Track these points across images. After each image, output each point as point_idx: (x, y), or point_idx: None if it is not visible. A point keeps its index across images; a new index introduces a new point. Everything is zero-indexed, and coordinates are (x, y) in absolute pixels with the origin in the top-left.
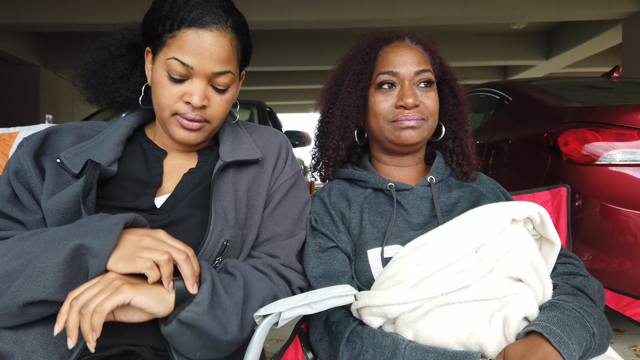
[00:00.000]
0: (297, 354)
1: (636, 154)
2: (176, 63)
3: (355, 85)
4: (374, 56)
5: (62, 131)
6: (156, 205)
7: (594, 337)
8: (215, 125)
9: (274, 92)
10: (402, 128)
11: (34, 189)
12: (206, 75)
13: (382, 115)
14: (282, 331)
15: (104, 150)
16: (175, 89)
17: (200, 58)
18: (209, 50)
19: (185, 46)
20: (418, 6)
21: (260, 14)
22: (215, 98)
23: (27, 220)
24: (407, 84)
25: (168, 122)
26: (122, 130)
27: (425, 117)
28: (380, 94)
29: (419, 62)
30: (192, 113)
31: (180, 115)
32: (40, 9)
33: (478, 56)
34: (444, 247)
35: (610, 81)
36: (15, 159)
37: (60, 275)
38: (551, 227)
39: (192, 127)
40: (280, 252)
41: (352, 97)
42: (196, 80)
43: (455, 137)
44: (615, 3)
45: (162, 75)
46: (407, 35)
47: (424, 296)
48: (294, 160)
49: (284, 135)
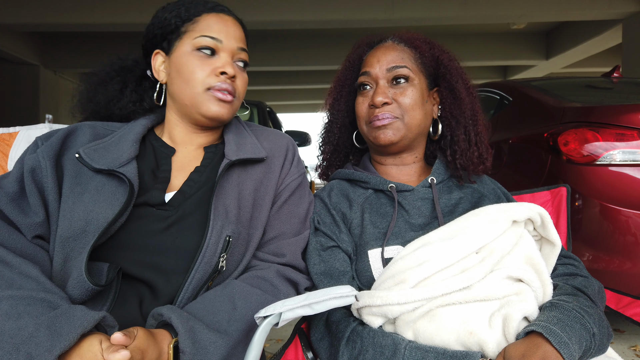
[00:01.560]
0: (297, 354)
1: (636, 154)
2: (206, 39)
3: (339, 91)
4: (358, 62)
5: (78, 130)
6: (165, 201)
7: (594, 338)
8: (238, 103)
9: (274, 92)
10: (375, 128)
11: (46, 189)
12: (232, 50)
13: (362, 117)
14: (282, 331)
15: (122, 147)
16: (206, 64)
17: (226, 34)
18: (232, 28)
19: (211, 26)
20: (418, 6)
21: (260, 14)
22: (240, 74)
23: (23, 224)
24: (380, 83)
25: (201, 98)
26: (139, 129)
27: (399, 115)
28: (360, 96)
29: (393, 60)
30: (225, 83)
31: (214, 89)
32: (40, 9)
33: (478, 56)
34: (445, 248)
35: (610, 81)
36: (34, 157)
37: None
38: (552, 228)
39: (227, 98)
40: (287, 250)
41: (337, 102)
42: (224, 55)
43: (452, 136)
44: (615, 3)
45: (190, 55)
46: (391, 36)
47: (424, 296)
48: (300, 161)
49: (290, 138)
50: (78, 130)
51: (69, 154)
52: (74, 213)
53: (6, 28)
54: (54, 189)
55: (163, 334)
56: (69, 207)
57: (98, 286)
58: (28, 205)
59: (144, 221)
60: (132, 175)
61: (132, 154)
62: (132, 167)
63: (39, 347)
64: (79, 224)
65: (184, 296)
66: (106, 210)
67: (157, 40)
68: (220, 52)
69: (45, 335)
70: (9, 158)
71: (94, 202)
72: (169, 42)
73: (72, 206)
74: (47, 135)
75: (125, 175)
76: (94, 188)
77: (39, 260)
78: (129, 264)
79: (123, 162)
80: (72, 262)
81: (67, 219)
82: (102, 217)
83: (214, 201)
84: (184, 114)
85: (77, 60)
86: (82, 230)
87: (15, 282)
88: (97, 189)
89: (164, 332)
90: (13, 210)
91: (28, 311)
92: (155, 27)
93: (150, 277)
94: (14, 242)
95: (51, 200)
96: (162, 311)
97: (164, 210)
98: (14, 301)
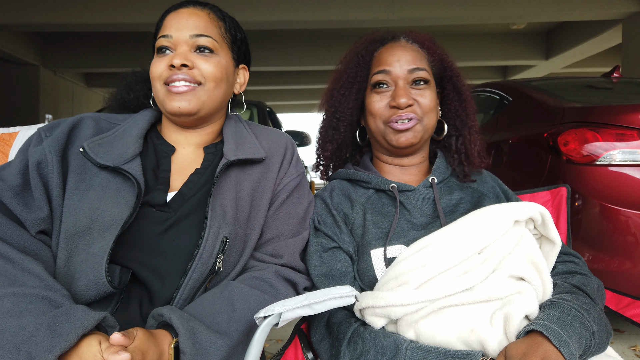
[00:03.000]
0: (297, 354)
1: (636, 154)
2: (160, 40)
3: (349, 88)
4: (369, 58)
5: (82, 123)
6: (166, 201)
7: (593, 336)
8: (209, 88)
9: (274, 92)
10: (396, 131)
11: (51, 184)
12: (185, 40)
13: (378, 116)
14: (282, 331)
15: (126, 142)
16: (161, 61)
17: (177, 28)
18: (184, 19)
19: (166, 25)
20: (418, 6)
21: (260, 14)
22: (201, 61)
23: (27, 219)
24: (400, 84)
25: (161, 95)
26: (142, 124)
27: (420, 117)
28: (375, 94)
29: (413, 61)
30: (176, 74)
31: (169, 84)
32: (40, 9)
33: (478, 56)
34: (447, 249)
35: (610, 81)
36: (40, 150)
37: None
38: (552, 227)
39: (179, 89)
40: (285, 252)
41: (346, 99)
42: (178, 47)
43: (458, 135)
44: (615, 3)
45: (154, 58)
46: (402, 35)
47: (427, 298)
48: (299, 161)
49: (289, 137)
50: (82, 123)
51: (74, 148)
52: (79, 210)
53: (6, 28)
54: (59, 184)
55: (163, 334)
56: (75, 204)
57: (115, 289)
58: (32, 200)
59: (145, 222)
60: (138, 173)
61: (136, 150)
62: (137, 164)
63: (39, 347)
64: (84, 221)
65: (181, 297)
66: (112, 208)
67: (153, 49)
68: (176, 47)
69: (46, 335)
70: (9, 158)
71: (100, 200)
72: (153, 49)
73: (77, 203)
74: (50, 127)
75: (132, 175)
76: (99, 185)
77: (42, 257)
78: (131, 264)
79: (127, 159)
80: (75, 258)
81: (72, 216)
82: (108, 215)
83: (211, 202)
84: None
85: (77, 60)
86: (87, 228)
87: (17, 279)
88: (102, 185)
89: (164, 333)
90: (17, 204)
91: (30, 309)
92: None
93: (148, 279)
94: (18, 238)
95: (55, 195)
96: (163, 311)
97: (164, 212)
98: (16, 299)
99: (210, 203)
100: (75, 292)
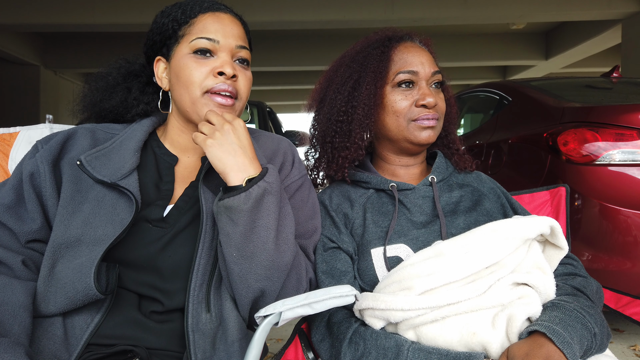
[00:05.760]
0: (297, 354)
1: (636, 154)
2: (202, 41)
3: (374, 84)
4: (388, 54)
5: (78, 134)
6: (163, 216)
7: (595, 337)
8: (241, 105)
9: (274, 92)
10: (422, 128)
11: (44, 195)
12: (230, 49)
13: (403, 114)
14: (282, 331)
15: (123, 156)
16: (203, 66)
17: (223, 34)
18: (229, 27)
19: (207, 26)
20: (418, 6)
21: (260, 14)
22: (241, 73)
23: (20, 231)
24: (424, 84)
25: (199, 103)
26: (140, 135)
27: (440, 117)
28: (399, 92)
29: (433, 64)
30: (224, 84)
31: (212, 93)
32: (40, 9)
33: (478, 56)
34: (457, 262)
35: (610, 81)
36: (33, 162)
37: None
38: (561, 236)
39: (227, 103)
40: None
41: (372, 95)
42: (222, 54)
43: (447, 133)
44: (614, 3)
45: (187, 58)
46: (415, 36)
47: (429, 305)
48: (301, 163)
49: (288, 141)
50: (77, 134)
51: (67, 158)
52: (71, 221)
53: (6, 28)
54: (53, 194)
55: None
56: (68, 215)
57: (102, 294)
58: (25, 212)
59: (140, 237)
60: (135, 189)
61: (133, 164)
62: (134, 179)
63: None
64: (75, 232)
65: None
66: (105, 224)
67: (157, 46)
68: (218, 53)
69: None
70: (9, 158)
71: (94, 215)
72: (168, 47)
73: (70, 214)
74: (47, 139)
75: (129, 191)
76: (94, 198)
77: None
78: (124, 278)
79: (125, 174)
80: (59, 267)
81: (63, 226)
82: (101, 231)
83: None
84: (189, 121)
85: (77, 60)
86: (76, 240)
87: None
88: (98, 199)
89: None
90: (10, 218)
91: None
92: (154, 33)
93: (149, 293)
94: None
95: (50, 205)
96: None
97: (160, 228)
98: None
99: (204, 212)
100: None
